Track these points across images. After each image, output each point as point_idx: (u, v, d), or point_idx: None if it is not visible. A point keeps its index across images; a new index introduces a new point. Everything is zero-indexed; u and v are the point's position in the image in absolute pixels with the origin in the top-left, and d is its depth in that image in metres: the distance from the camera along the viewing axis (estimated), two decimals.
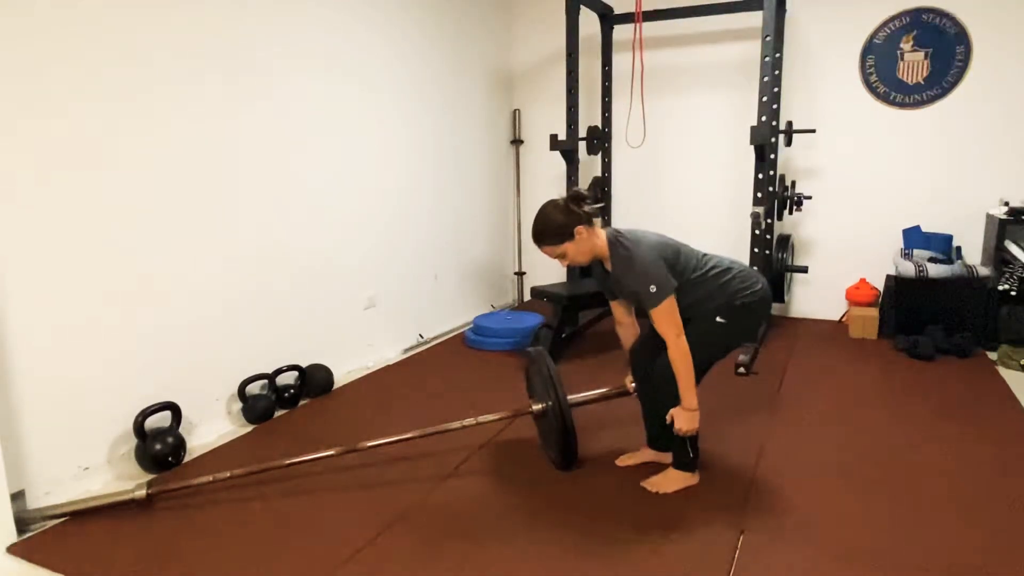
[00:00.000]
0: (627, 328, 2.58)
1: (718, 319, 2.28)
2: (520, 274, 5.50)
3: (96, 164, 2.45)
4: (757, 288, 2.33)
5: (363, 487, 2.44)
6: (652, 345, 2.43)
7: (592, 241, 2.26)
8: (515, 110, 5.36)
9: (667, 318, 2.17)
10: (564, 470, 2.53)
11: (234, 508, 2.31)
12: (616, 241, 2.26)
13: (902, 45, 4.27)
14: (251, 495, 2.39)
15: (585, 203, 2.26)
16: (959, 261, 4.08)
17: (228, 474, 2.36)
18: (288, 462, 2.41)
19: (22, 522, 2.16)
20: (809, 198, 4.37)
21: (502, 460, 2.66)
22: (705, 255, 2.36)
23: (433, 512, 2.27)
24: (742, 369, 3.58)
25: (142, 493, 2.27)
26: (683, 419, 2.22)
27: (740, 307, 2.29)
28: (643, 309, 2.26)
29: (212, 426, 2.94)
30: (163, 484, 2.34)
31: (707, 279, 2.29)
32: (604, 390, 2.72)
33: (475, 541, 2.09)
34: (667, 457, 2.47)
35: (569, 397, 2.48)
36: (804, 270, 4.44)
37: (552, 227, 2.24)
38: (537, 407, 2.59)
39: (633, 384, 2.62)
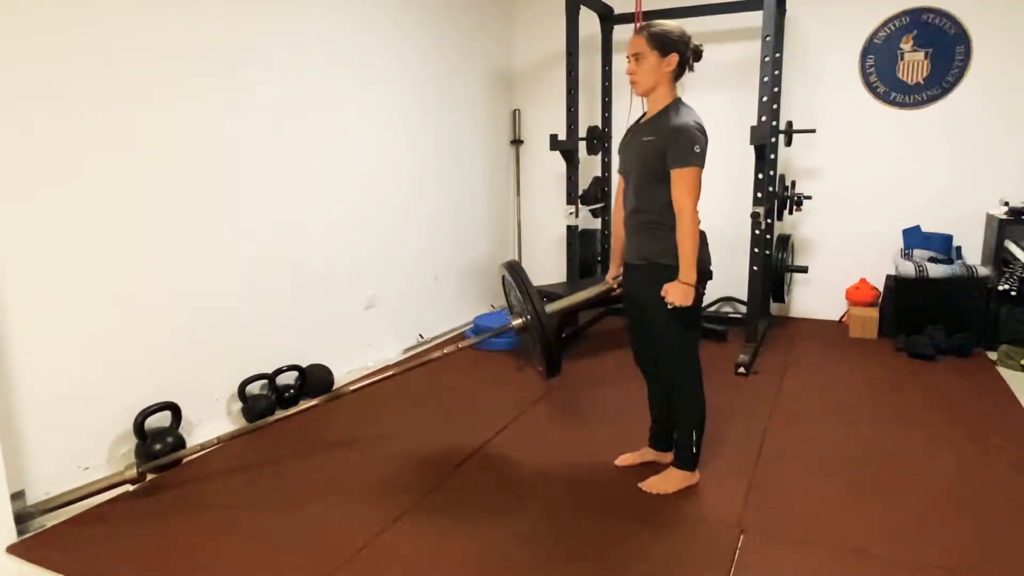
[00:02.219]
0: (623, 211, 2.45)
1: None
2: None
3: (96, 164, 2.45)
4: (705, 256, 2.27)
5: (363, 487, 2.44)
6: (648, 354, 2.41)
7: (667, 79, 2.23)
8: (515, 110, 5.36)
9: (691, 187, 2.15)
10: (550, 377, 2.49)
11: (233, 508, 2.31)
12: (680, 101, 2.26)
13: (902, 45, 4.27)
14: (251, 496, 2.39)
15: (699, 59, 2.29)
16: (959, 261, 4.08)
17: (216, 439, 2.39)
18: (274, 418, 2.44)
19: (22, 522, 2.16)
20: (809, 198, 4.37)
21: (502, 459, 2.66)
22: None
23: (433, 511, 2.27)
24: (742, 369, 3.58)
25: (132, 472, 2.30)
26: (679, 292, 2.12)
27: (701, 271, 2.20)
28: (647, 173, 2.17)
29: (212, 426, 2.93)
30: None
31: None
32: (587, 291, 2.65)
33: (475, 540, 2.09)
34: (667, 457, 2.47)
35: (552, 304, 2.46)
36: (804, 270, 4.43)
37: (668, 33, 2.20)
38: (517, 322, 2.56)
39: (617, 279, 2.54)
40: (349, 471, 2.56)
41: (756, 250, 3.79)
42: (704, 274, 2.23)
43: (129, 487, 2.41)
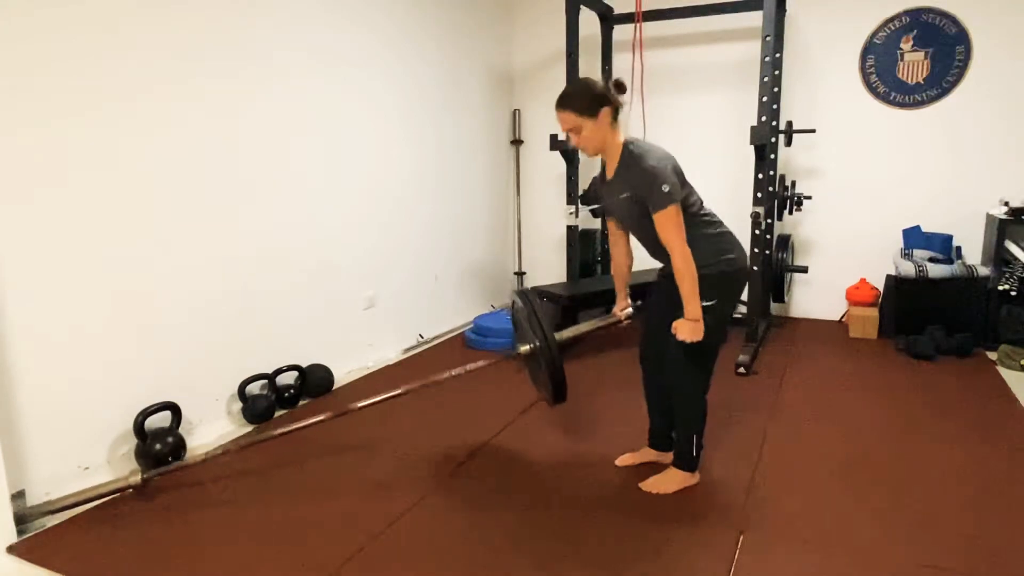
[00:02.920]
0: (620, 248, 2.51)
1: (703, 303, 2.18)
2: (520, 274, 5.50)
3: (95, 165, 2.45)
4: (741, 254, 2.30)
5: (363, 487, 2.44)
6: (656, 342, 2.41)
7: (609, 132, 2.18)
8: (515, 110, 5.36)
9: (673, 225, 2.11)
10: (557, 404, 2.49)
11: (234, 508, 2.31)
12: (630, 142, 2.20)
13: (902, 45, 4.27)
14: (251, 496, 2.39)
15: (623, 93, 2.20)
16: (959, 261, 4.08)
17: (222, 450, 2.38)
18: (279, 431, 2.41)
19: (22, 522, 2.16)
20: (809, 198, 4.38)
21: (502, 459, 2.66)
22: (703, 201, 2.32)
23: (433, 511, 2.27)
24: (742, 369, 3.59)
25: (137, 479, 2.28)
26: (687, 329, 2.14)
27: (719, 277, 2.22)
28: (635, 223, 2.18)
29: (212, 426, 2.94)
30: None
31: (702, 222, 2.25)
32: (595, 321, 2.66)
33: (475, 540, 2.09)
34: (667, 457, 2.47)
35: (559, 333, 2.45)
36: (804, 270, 4.44)
37: (583, 94, 2.15)
38: (525, 348, 2.54)
39: (624, 312, 2.55)
40: (349, 471, 2.56)
41: (756, 250, 3.79)
42: (731, 276, 2.25)
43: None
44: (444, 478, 2.50)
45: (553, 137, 4.21)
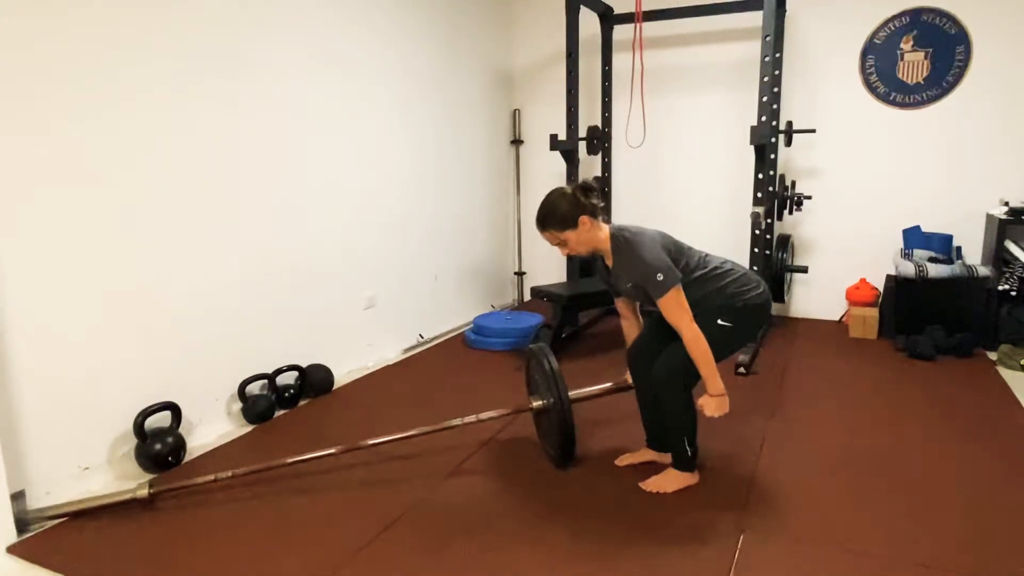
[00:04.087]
0: (631, 323, 2.59)
1: (720, 322, 2.27)
2: (520, 274, 5.50)
3: (95, 164, 2.45)
4: (759, 291, 2.33)
5: (363, 487, 2.44)
6: (649, 346, 2.43)
7: (594, 233, 2.26)
8: (515, 110, 5.36)
9: (676, 306, 2.17)
10: (562, 467, 2.53)
11: (234, 508, 2.31)
12: (618, 234, 2.26)
13: (902, 45, 4.27)
14: (251, 495, 2.39)
15: (592, 194, 2.25)
16: (959, 261, 4.08)
17: (230, 473, 2.36)
18: (290, 460, 2.41)
19: (22, 522, 2.16)
20: (809, 198, 4.37)
21: (502, 459, 2.66)
22: (706, 255, 2.36)
23: (433, 512, 2.27)
24: (742, 369, 3.59)
25: (144, 492, 2.27)
26: (713, 405, 2.22)
27: (742, 308, 2.29)
28: (649, 300, 2.25)
29: (212, 426, 2.94)
30: (165, 483, 2.34)
31: (708, 279, 2.30)
32: (605, 385, 2.71)
33: (475, 541, 2.09)
34: (667, 457, 2.47)
35: (572, 393, 2.48)
36: (804, 270, 4.44)
37: (557, 213, 2.23)
38: (537, 403, 2.59)
39: (633, 379, 2.62)
40: (349, 471, 2.56)
41: (756, 250, 3.79)
42: (752, 308, 2.31)
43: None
44: (443, 478, 2.50)
45: (553, 137, 4.21)
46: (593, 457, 2.63)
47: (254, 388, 3.11)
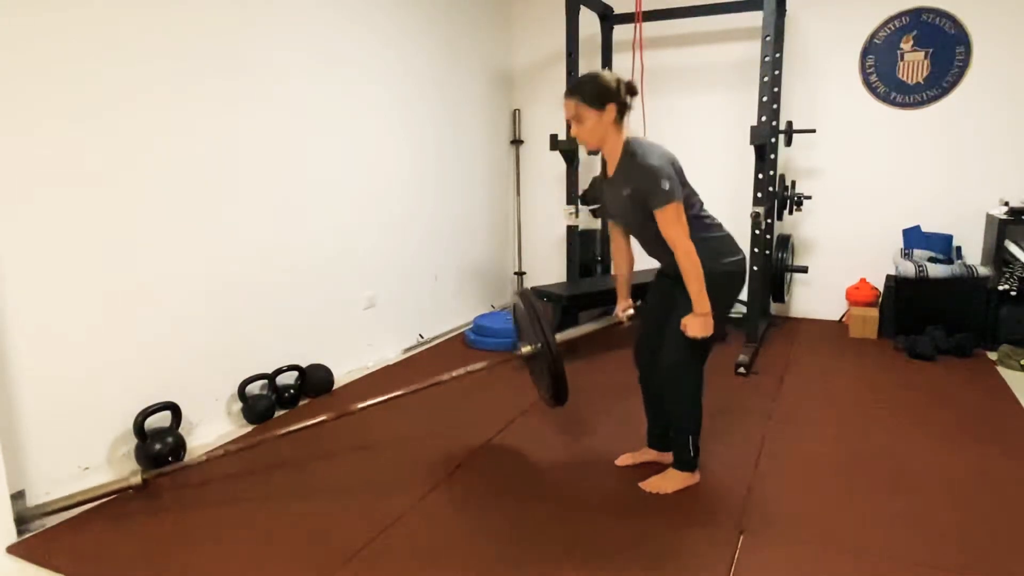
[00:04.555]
0: (622, 250, 2.52)
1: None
2: (520, 274, 5.50)
3: (95, 164, 2.45)
4: (737, 258, 2.31)
5: (363, 487, 2.44)
6: (651, 344, 2.42)
7: (613, 128, 2.20)
8: (515, 110, 5.36)
9: (676, 220, 2.12)
10: (557, 406, 2.50)
11: (234, 508, 2.31)
12: (631, 140, 2.22)
13: (902, 45, 4.27)
14: (250, 496, 2.39)
15: (632, 98, 2.22)
16: (959, 261, 4.08)
17: (223, 451, 2.38)
18: (281, 432, 2.41)
19: (22, 522, 2.16)
20: (809, 198, 4.38)
21: (501, 460, 2.66)
22: (703, 205, 2.33)
23: (432, 512, 2.27)
24: (742, 369, 3.59)
25: (138, 479, 2.29)
26: (696, 325, 2.15)
27: (723, 275, 2.24)
28: (636, 223, 2.20)
29: (212, 426, 2.94)
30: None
31: (703, 225, 2.26)
32: (596, 323, 2.68)
33: (474, 540, 2.09)
34: (667, 457, 2.47)
35: (560, 334, 2.46)
36: (804, 270, 4.44)
37: (596, 86, 2.17)
38: (526, 349, 2.55)
39: (626, 313, 2.56)
40: (349, 471, 2.56)
41: (756, 250, 3.79)
42: (730, 276, 2.27)
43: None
44: (444, 478, 2.50)
45: (553, 137, 4.21)
46: (593, 457, 2.63)
47: (254, 388, 3.11)
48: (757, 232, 3.78)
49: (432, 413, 3.14)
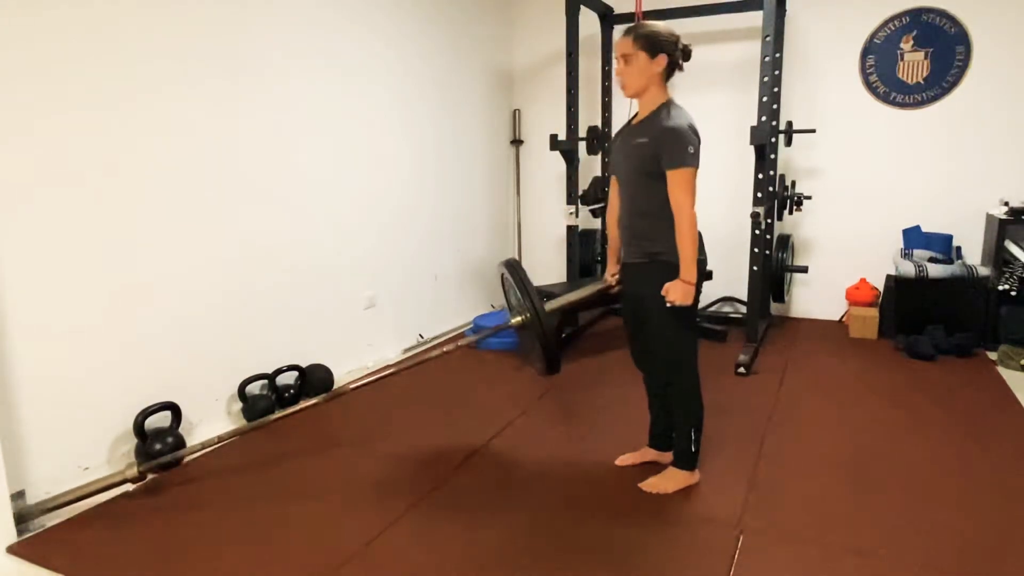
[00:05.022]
0: (616, 210, 2.48)
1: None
2: None
3: (96, 164, 2.45)
4: (703, 256, 2.28)
5: (363, 487, 2.44)
6: (642, 348, 2.42)
7: (657, 79, 2.20)
8: (515, 110, 5.36)
9: (687, 184, 2.14)
10: (549, 375, 2.50)
11: (234, 508, 2.31)
12: (672, 102, 2.23)
13: (902, 45, 4.27)
14: (251, 495, 2.39)
15: (685, 59, 2.24)
16: (959, 261, 4.08)
17: (216, 439, 2.41)
18: (274, 417, 2.44)
19: (22, 521, 2.16)
20: (809, 198, 4.37)
21: (501, 459, 2.66)
22: None
23: (433, 511, 2.27)
24: (742, 369, 3.58)
25: (134, 471, 2.30)
26: (679, 290, 2.13)
27: (699, 265, 2.21)
28: (639, 173, 2.19)
29: (212, 426, 2.93)
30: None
31: None
32: (586, 288, 2.65)
33: (475, 540, 2.09)
34: (667, 457, 2.47)
35: (551, 303, 2.45)
36: (804, 270, 4.43)
37: (655, 33, 2.18)
38: (516, 320, 2.54)
39: (615, 276, 2.53)
40: (349, 470, 2.56)
41: (756, 250, 3.79)
42: (701, 274, 2.23)
43: (129, 486, 2.41)
44: (443, 478, 2.50)
45: (553, 137, 4.21)
46: (593, 457, 2.63)
47: (254, 388, 3.11)
48: (757, 232, 3.78)
49: (432, 413, 3.14)
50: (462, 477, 2.52)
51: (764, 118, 3.70)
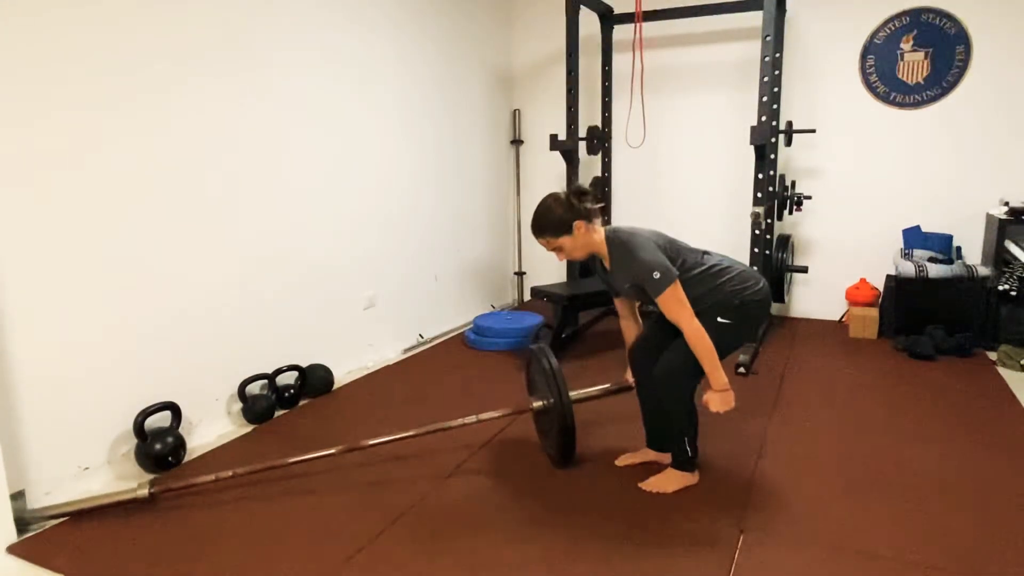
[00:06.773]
0: (631, 324, 2.58)
1: (720, 319, 2.26)
2: (520, 274, 5.50)
3: (96, 164, 2.45)
4: (758, 287, 2.32)
5: (363, 487, 2.44)
6: (650, 346, 2.44)
7: (590, 237, 2.27)
8: (515, 110, 5.36)
9: (676, 303, 2.17)
10: (562, 467, 2.53)
11: (234, 508, 2.31)
12: (613, 236, 2.28)
13: (902, 45, 4.27)
14: (251, 495, 2.39)
15: (586, 199, 2.26)
16: (959, 261, 4.08)
17: (231, 473, 2.36)
18: (291, 460, 2.41)
19: (22, 522, 2.16)
20: (809, 198, 4.38)
21: (502, 460, 2.66)
22: (705, 253, 2.36)
23: (433, 512, 2.27)
24: (742, 369, 3.59)
25: (144, 492, 2.27)
26: (717, 401, 2.20)
27: (740, 306, 2.28)
28: (649, 300, 2.25)
29: (212, 426, 2.94)
30: (166, 483, 2.34)
31: (706, 276, 2.29)
32: (605, 386, 2.71)
33: (475, 541, 2.09)
34: (667, 457, 2.47)
35: (573, 393, 2.48)
36: (804, 270, 4.44)
37: (551, 220, 2.24)
38: (538, 404, 2.59)
39: (634, 380, 2.61)
40: (349, 471, 2.56)
41: (756, 250, 3.79)
42: (753, 303, 2.29)
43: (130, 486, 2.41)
44: (444, 478, 2.50)
45: (553, 137, 4.21)
46: (593, 457, 2.63)
47: (254, 388, 3.11)
48: (757, 232, 3.78)
49: (432, 413, 3.14)
50: (461, 478, 2.52)
51: (764, 118, 3.70)
